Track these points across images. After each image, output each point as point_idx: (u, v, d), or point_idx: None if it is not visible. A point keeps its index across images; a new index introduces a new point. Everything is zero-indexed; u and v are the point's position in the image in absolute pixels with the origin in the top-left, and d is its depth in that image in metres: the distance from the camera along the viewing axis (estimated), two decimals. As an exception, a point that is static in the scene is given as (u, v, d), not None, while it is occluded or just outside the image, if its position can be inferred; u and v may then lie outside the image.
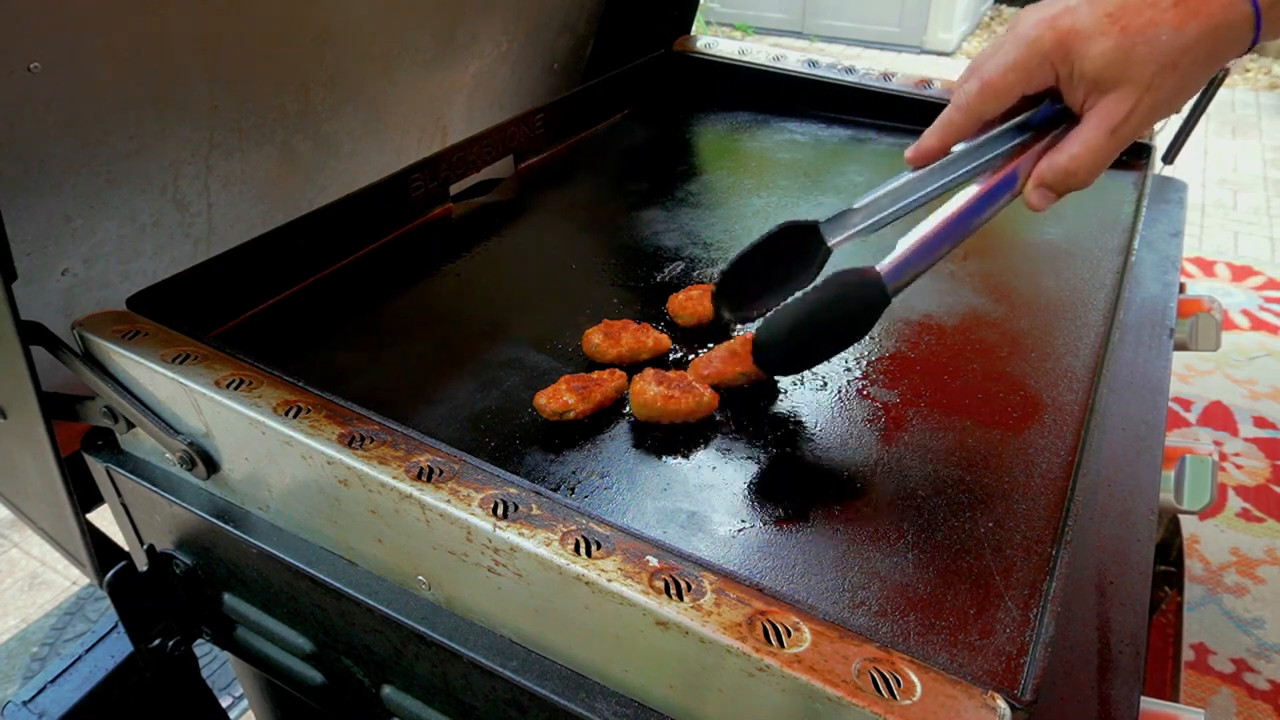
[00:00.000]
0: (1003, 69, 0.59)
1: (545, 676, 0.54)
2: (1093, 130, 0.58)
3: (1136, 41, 0.54)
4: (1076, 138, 0.59)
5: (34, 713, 0.73)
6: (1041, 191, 0.61)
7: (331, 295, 0.90)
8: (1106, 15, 0.55)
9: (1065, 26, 0.56)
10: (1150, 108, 0.56)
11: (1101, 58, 0.55)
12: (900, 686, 0.44)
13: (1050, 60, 0.57)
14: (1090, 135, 0.58)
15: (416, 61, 1.09)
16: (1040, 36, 0.57)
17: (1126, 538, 0.65)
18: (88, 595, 1.68)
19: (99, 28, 0.71)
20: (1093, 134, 0.58)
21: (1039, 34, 0.57)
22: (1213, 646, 1.51)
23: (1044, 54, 0.57)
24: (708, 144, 1.29)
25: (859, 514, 0.63)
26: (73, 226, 0.78)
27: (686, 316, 0.83)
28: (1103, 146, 0.58)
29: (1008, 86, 0.60)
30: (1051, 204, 0.62)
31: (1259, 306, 2.49)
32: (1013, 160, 0.62)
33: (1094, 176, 0.60)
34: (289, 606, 0.68)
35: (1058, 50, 0.57)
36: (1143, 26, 0.54)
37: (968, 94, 0.61)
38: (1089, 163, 0.59)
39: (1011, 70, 0.59)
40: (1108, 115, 0.57)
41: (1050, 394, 0.75)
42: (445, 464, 0.57)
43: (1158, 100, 0.56)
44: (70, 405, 0.70)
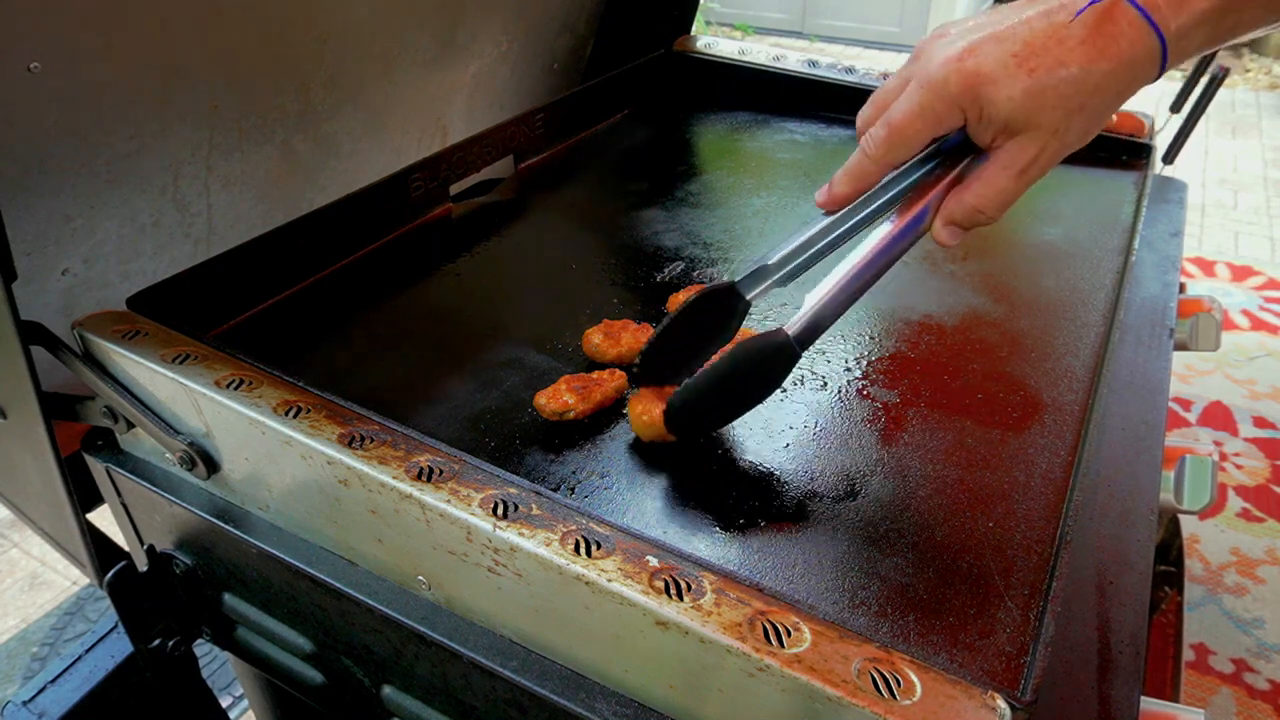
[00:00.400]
0: (910, 116, 0.58)
1: (545, 676, 0.54)
2: (1000, 170, 0.57)
3: (1045, 85, 0.53)
4: (984, 180, 0.58)
5: (34, 713, 0.73)
6: (950, 229, 0.60)
7: (331, 295, 0.90)
8: (1012, 56, 0.53)
9: (970, 69, 0.54)
10: (1057, 150, 0.56)
11: (1009, 103, 0.54)
12: (900, 686, 0.44)
13: (959, 104, 0.56)
14: (997, 176, 0.57)
15: (416, 61, 1.09)
16: (946, 79, 0.55)
17: (1126, 538, 0.65)
18: (88, 595, 1.68)
19: (99, 28, 0.71)
20: (1000, 175, 0.57)
21: (945, 76, 0.55)
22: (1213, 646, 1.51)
23: (951, 98, 0.56)
24: (708, 144, 1.29)
25: (859, 514, 0.63)
26: (73, 226, 0.78)
27: None
28: (1009, 188, 0.57)
29: (915, 133, 0.58)
30: (959, 240, 0.61)
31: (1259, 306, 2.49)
32: (922, 197, 0.61)
33: (1001, 213, 0.59)
34: (289, 606, 0.68)
35: (965, 95, 0.55)
36: (1050, 67, 0.53)
37: (876, 142, 0.60)
38: (995, 202, 0.58)
39: (919, 118, 0.57)
40: (1016, 158, 0.56)
41: (1050, 394, 0.75)
42: (445, 464, 0.57)
43: (1065, 143, 0.55)
44: (70, 405, 0.70)
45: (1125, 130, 1.16)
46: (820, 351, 0.81)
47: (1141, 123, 1.17)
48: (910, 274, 0.93)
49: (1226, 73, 1.11)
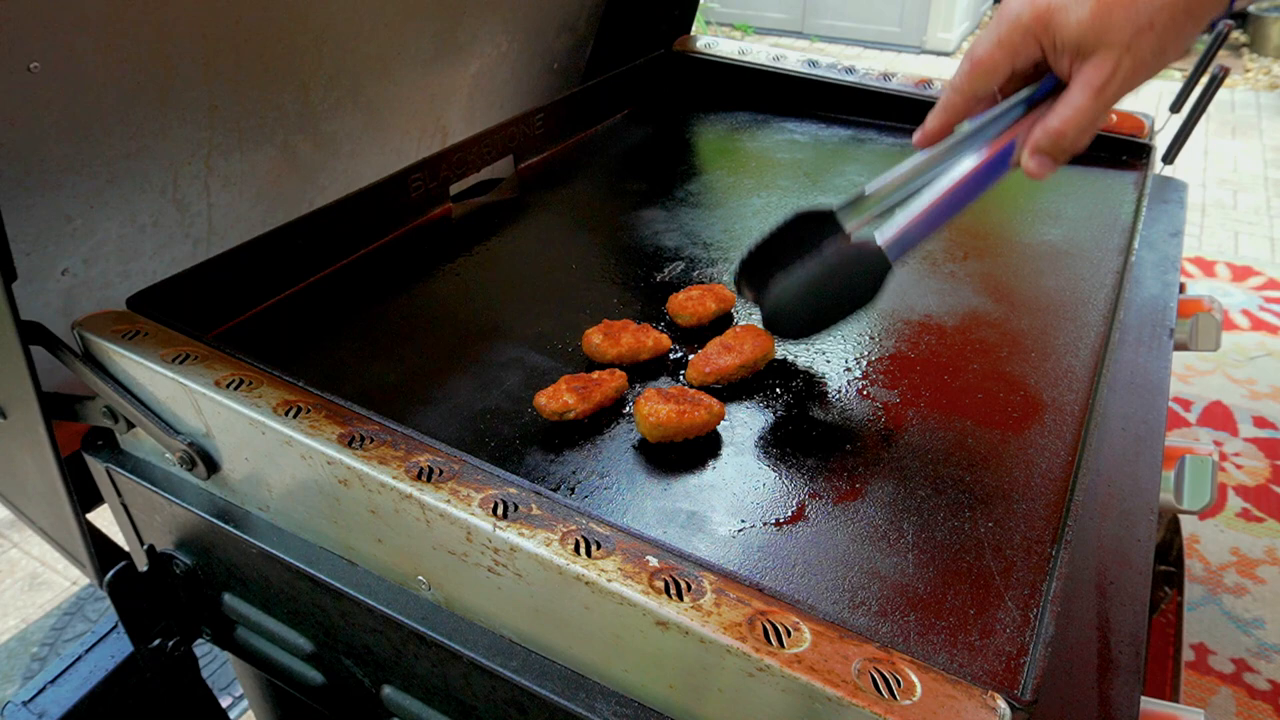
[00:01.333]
0: (989, 47, 0.63)
1: (545, 676, 0.54)
2: (1079, 93, 0.60)
3: (1112, 6, 0.56)
4: (1065, 102, 0.61)
5: (34, 713, 0.73)
6: (1038, 158, 0.64)
7: (331, 295, 0.90)
8: None
9: (1044, 2, 0.59)
10: (1131, 69, 0.58)
11: (1079, 25, 0.58)
12: (900, 686, 0.44)
13: (1033, 33, 0.60)
14: (1077, 98, 0.60)
15: (416, 61, 1.09)
16: (1021, 13, 0.60)
17: (1126, 538, 0.65)
18: (88, 595, 1.68)
19: (99, 28, 0.71)
20: (1079, 97, 0.60)
21: (1019, 11, 0.60)
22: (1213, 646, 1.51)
23: (1026, 28, 0.60)
24: (708, 144, 1.29)
25: (859, 514, 0.63)
26: (73, 226, 0.78)
27: (686, 316, 0.83)
28: (1089, 108, 0.60)
29: (994, 63, 0.63)
30: (1049, 171, 0.64)
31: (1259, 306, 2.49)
32: (1011, 131, 0.65)
33: (1086, 138, 0.62)
34: (289, 606, 0.68)
35: (1038, 23, 0.60)
36: None
37: (960, 74, 0.65)
38: (1078, 124, 0.61)
39: (997, 47, 0.62)
40: (1091, 78, 0.59)
41: (1050, 394, 0.75)
42: (445, 464, 0.57)
43: (1138, 61, 0.58)
44: (70, 405, 0.70)
45: (1125, 130, 1.16)
46: (820, 351, 0.81)
47: (1141, 123, 1.17)
48: (910, 274, 0.93)
49: (1226, 73, 1.11)
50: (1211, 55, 1.14)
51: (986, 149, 0.66)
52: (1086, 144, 0.62)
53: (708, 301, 0.83)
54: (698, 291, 0.83)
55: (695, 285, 0.86)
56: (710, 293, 0.83)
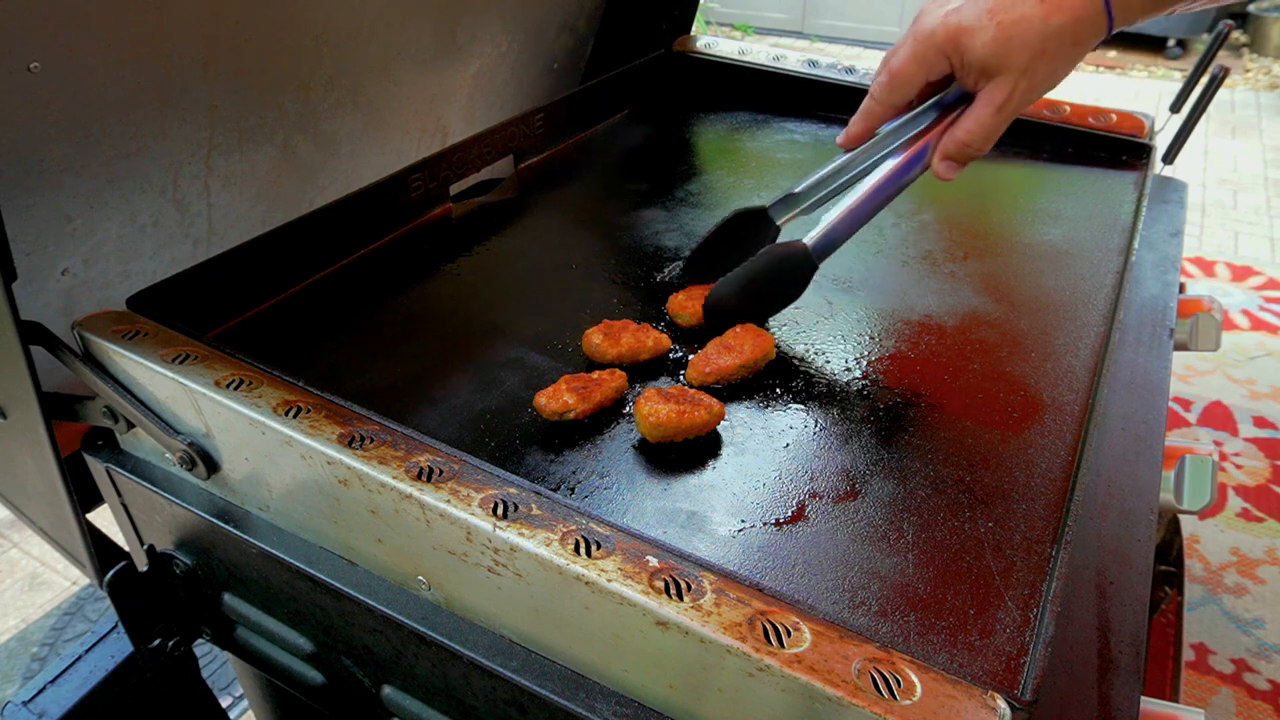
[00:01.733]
0: (905, 60, 0.70)
1: (545, 676, 0.54)
2: (983, 109, 0.68)
3: (1011, 34, 0.64)
4: (970, 115, 0.69)
5: (34, 713, 0.73)
6: (946, 163, 0.72)
7: (331, 295, 0.90)
8: (986, 11, 0.65)
9: (954, 23, 0.66)
10: (1028, 88, 0.67)
11: (984, 48, 0.65)
12: (900, 686, 0.44)
13: (944, 52, 0.68)
14: (981, 113, 0.69)
15: (416, 61, 1.09)
16: (934, 31, 0.68)
17: (1126, 538, 0.65)
18: (88, 595, 1.68)
19: (99, 28, 0.71)
20: (983, 112, 0.68)
21: (932, 28, 0.68)
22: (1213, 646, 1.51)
23: (938, 46, 0.68)
24: (708, 144, 1.29)
25: (859, 514, 0.63)
26: (73, 226, 0.78)
27: (686, 316, 0.83)
28: (991, 122, 0.69)
29: (909, 76, 0.71)
30: (955, 173, 0.73)
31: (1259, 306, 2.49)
32: (923, 137, 0.73)
33: (987, 146, 0.70)
34: (289, 606, 0.68)
35: (949, 43, 0.67)
36: (1015, 21, 0.64)
37: (879, 85, 0.72)
38: (981, 136, 0.70)
39: (912, 61, 0.70)
40: (995, 96, 0.67)
41: (1050, 394, 0.75)
42: (445, 464, 0.57)
43: (1033, 82, 0.66)
44: (70, 405, 0.70)
45: (1125, 130, 1.16)
46: (820, 351, 0.81)
47: (1141, 123, 1.17)
48: (910, 274, 0.93)
49: (1226, 73, 1.11)
50: (1212, 55, 1.14)
51: (902, 153, 0.74)
52: (987, 150, 0.71)
53: None
54: (698, 291, 0.84)
55: (695, 285, 0.86)
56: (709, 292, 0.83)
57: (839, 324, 0.85)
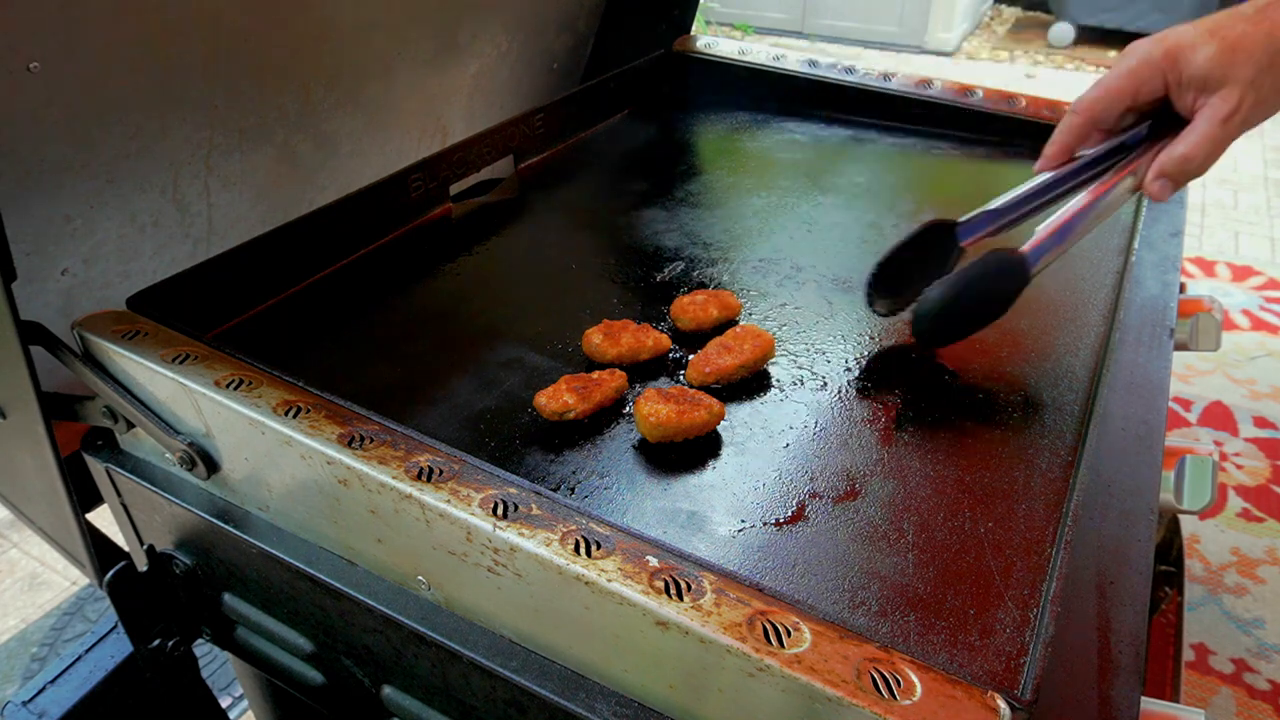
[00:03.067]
0: (1118, 77, 0.70)
1: (545, 676, 0.54)
2: (1206, 123, 0.66)
3: (1236, 47, 0.64)
4: (1193, 130, 0.67)
5: (34, 713, 0.73)
6: (1161, 182, 0.70)
7: (332, 295, 0.90)
8: (1206, 31, 0.65)
9: (1171, 42, 0.67)
10: (1255, 103, 0.65)
11: (1207, 62, 0.65)
12: (900, 686, 0.44)
13: (1160, 69, 0.67)
14: (1205, 127, 0.67)
15: (416, 61, 1.09)
16: (1151, 51, 0.68)
17: (1126, 538, 0.65)
18: (87, 595, 1.68)
19: (99, 28, 0.71)
20: (1207, 126, 0.66)
21: (1149, 49, 0.68)
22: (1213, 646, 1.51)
23: (1154, 64, 0.67)
24: (708, 144, 1.29)
25: (859, 514, 0.63)
26: (73, 226, 0.78)
27: (687, 320, 0.82)
28: (1216, 135, 0.66)
29: (1120, 92, 0.70)
30: (1170, 194, 0.70)
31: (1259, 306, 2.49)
32: (1131, 162, 0.72)
33: (1209, 164, 0.68)
34: (289, 606, 0.68)
35: (1166, 60, 0.67)
36: (1238, 37, 0.64)
37: (1086, 98, 0.72)
38: (1204, 151, 0.67)
39: (1126, 77, 0.69)
40: (1219, 109, 0.66)
41: (1050, 394, 0.75)
42: (445, 464, 0.57)
43: (1260, 96, 0.65)
44: (70, 405, 0.70)
45: (1125, 130, 1.16)
46: (820, 351, 0.81)
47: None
48: (910, 274, 0.93)
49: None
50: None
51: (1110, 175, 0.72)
52: (1208, 169, 0.69)
53: (710, 308, 0.82)
54: (702, 297, 0.83)
55: (700, 290, 0.85)
56: (715, 299, 0.83)
57: (839, 324, 0.85)
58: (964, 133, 1.23)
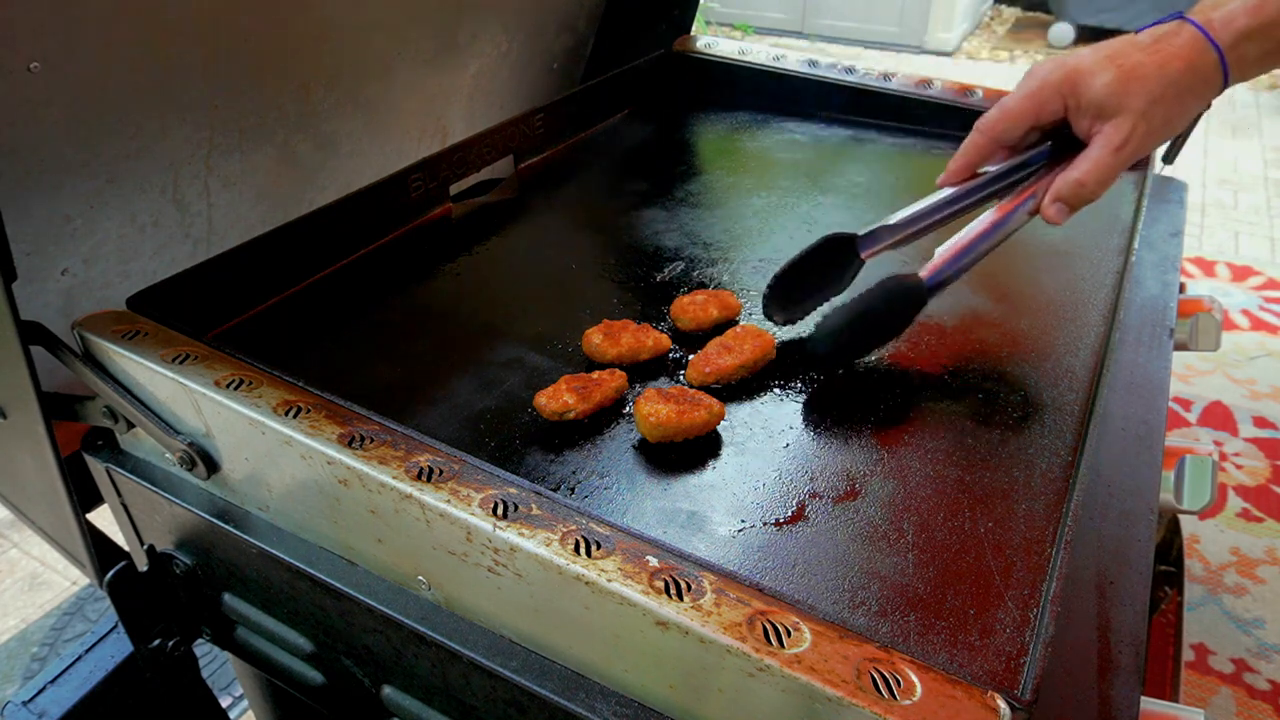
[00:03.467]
0: (1019, 99, 0.71)
1: (545, 676, 0.54)
2: (1100, 150, 0.68)
3: (1131, 76, 0.66)
4: (1086, 158, 0.69)
5: (34, 713, 0.73)
6: (1058, 206, 0.71)
7: (331, 295, 0.90)
8: (1106, 57, 0.67)
9: (1071, 66, 0.68)
10: (1146, 133, 0.67)
11: (1104, 89, 0.66)
12: (900, 686, 0.44)
13: (1060, 92, 0.69)
14: (1098, 154, 0.68)
15: (416, 61, 1.09)
16: (1052, 73, 0.69)
17: (1126, 538, 0.65)
18: (87, 595, 1.68)
19: (99, 27, 0.71)
20: (1100, 153, 0.68)
21: (1050, 72, 0.69)
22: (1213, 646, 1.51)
23: (1055, 87, 0.69)
24: (708, 144, 1.29)
25: (859, 514, 0.63)
26: (73, 226, 0.78)
27: (687, 320, 0.82)
28: (1109, 163, 0.68)
29: (1022, 113, 0.71)
30: (1066, 218, 0.72)
31: (1259, 306, 2.49)
32: (1031, 184, 0.74)
33: (1102, 190, 0.70)
34: (289, 606, 0.68)
35: (1066, 84, 0.68)
36: (1134, 66, 0.66)
37: (988, 119, 0.73)
38: (1097, 178, 0.69)
39: (1027, 99, 0.71)
40: (1112, 137, 0.67)
41: (1050, 394, 0.75)
42: (445, 464, 0.57)
43: (1151, 127, 0.67)
44: (70, 405, 0.70)
45: (1125, 130, 1.16)
46: (820, 351, 0.81)
47: (1141, 123, 1.17)
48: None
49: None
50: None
51: (1010, 197, 0.74)
52: (1100, 195, 0.70)
53: (710, 309, 0.82)
54: (702, 297, 0.83)
55: (701, 290, 0.85)
56: (715, 299, 0.83)
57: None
58: (964, 133, 1.22)
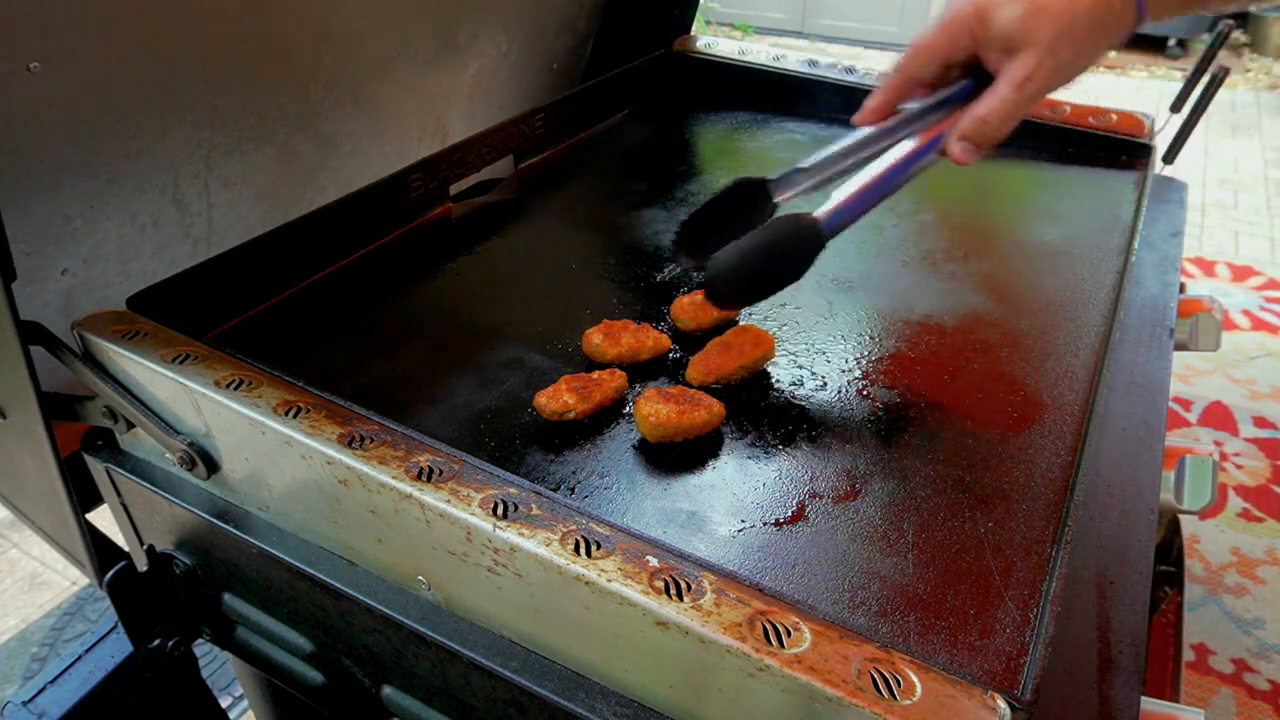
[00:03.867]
0: (930, 34, 0.69)
1: (545, 676, 0.54)
2: (1004, 86, 0.66)
3: (1040, 9, 0.63)
4: (991, 93, 0.67)
5: (34, 713, 0.73)
6: (963, 145, 0.69)
7: (331, 295, 0.90)
8: None
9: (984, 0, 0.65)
10: (1052, 70, 0.64)
11: (1010, 22, 0.63)
12: (900, 686, 0.44)
13: (969, 25, 0.66)
14: (1002, 90, 0.66)
15: (416, 61, 1.09)
16: (963, 8, 0.66)
17: (1126, 538, 0.65)
18: (87, 595, 1.68)
19: (99, 27, 0.71)
20: (1004, 88, 0.66)
21: (961, 6, 0.66)
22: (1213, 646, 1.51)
23: (963, 20, 0.66)
24: (708, 144, 1.29)
25: (859, 514, 0.63)
26: (73, 226, 0.78)
27: (686, 320, 0.82)
28: (1012, 99, 0.65)
29: (933, 48, 0.69)
30: (973, 157, 0.69)
31: (1259, 306, 2.49)
32: (940, 123, 0.70)
33: (1006, 127, 0.67)
34: (289, 606, 0.68)
35: (974, 17, 0.65)
36: None
37: (904, 57, 0.71)
38: (1001, 114, 0.66)
39: (938, 33, 0.68)
40: (1016, 73, 0.65)
41: (1050, 394, 0.75)
42: (445, 464, 0.57)
43: (1058, 63, 0.64)
44: (70, 405, 0.70)
45: (1125, 130, 1.16)
46: (820, 351, 0.81)
47: (1141, 123, 1.17)
48: (910, 274, 0.93)
49: (1226, 73, 1.11)
50: (1212, 55, 1.14)
51: (918, 136, 0.70)
52: (1006, 134, 0.67)
53: (710, 309, 0.82)
54: (702, 297, 0.83)
55: (701, 290, 0.85)
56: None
57: (839, 324, 0.85)
58: (964, 133, 1.23)
